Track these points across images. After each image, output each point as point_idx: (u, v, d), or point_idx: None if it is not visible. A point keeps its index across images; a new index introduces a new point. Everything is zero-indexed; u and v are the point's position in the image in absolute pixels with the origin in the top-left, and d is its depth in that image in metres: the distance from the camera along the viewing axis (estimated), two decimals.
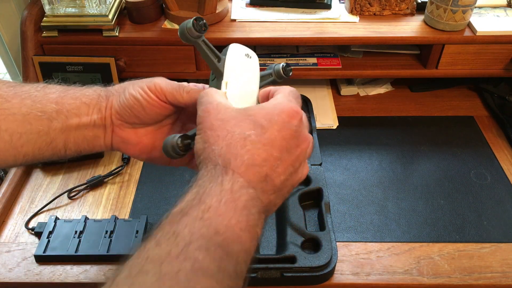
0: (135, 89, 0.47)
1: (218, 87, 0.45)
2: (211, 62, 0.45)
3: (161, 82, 0.47)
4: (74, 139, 0.47)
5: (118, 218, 0.66)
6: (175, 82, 0.48)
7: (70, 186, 0.72)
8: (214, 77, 0.47)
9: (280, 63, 0.50)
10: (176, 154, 0.43)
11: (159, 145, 0.47)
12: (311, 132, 0.78)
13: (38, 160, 0.46)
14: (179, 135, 0.43)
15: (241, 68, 0.46)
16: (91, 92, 0.48)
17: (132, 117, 0.47)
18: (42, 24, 0.81)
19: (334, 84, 0.94)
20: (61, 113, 0.45)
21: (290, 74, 0.50)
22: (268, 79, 0.49)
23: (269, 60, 0.89)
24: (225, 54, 0.46)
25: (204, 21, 0.44)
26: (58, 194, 0.71)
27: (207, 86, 0.48)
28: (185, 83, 0.49)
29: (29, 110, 0.44)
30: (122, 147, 0.49)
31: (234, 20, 0.85)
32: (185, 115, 0.51)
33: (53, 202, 0.70)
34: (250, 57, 0.47)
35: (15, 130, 0.43)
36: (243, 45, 0.47)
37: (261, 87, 0.48)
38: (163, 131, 0.51)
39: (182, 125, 0.52)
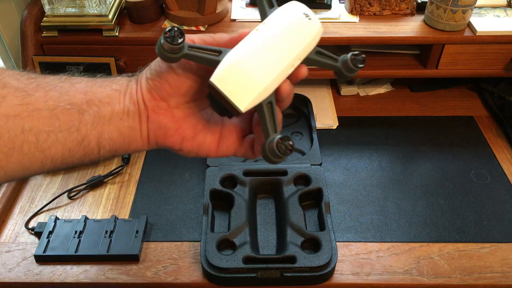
0: None
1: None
2: (262, 5, 0.41)
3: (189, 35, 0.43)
4: (108, 134, 0.41)
5: (118, 218, 0.66)
6: None
7: (70, 186, 0.72)
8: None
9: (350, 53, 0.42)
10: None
11: (202, 129, 0.44)
12: (311, 132, 0.79)
13: (68, 165, 0.41)
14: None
15: (289, 21, 0.40)
16: (120, 79, 0.44)
17: (164, 86, 0.42)
18: (42, 24, 0.81)
19: (334, 84, 0.94)
20: (92, 103, 0.40)
21: (361, 66, 0.41)
22: (330, 62, 0.42)
23: None
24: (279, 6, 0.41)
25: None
26: (58, 194, 0.71)
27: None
28: None
29: (56, 103, 0.39)
30: (160, 136, 0.43)
31: (234, 20, 0.85)
32: None
33: (53, 202, 0.70)
34: (310, 19, 0.41)
35: (42, 128, 0.38)
36: (306, 6, 0.42)
37: (314, 61, 0.42)
38: (204, 114, 0.45)
39: None
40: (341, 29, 0.82)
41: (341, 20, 0.85)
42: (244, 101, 0.38)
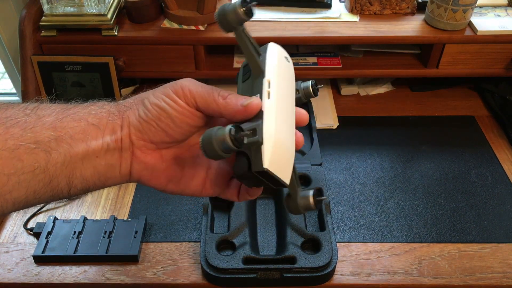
0: (158, 96, 0.38)
1: (257, 86, 0.38)
2: (251, 56, 0.39)
3: (190, 84, 0.38)
4: (80, 173, 0.37)
5: (117, 219, 0.65)
6: (206, 85, 0.39)
7: None
8: (248, 77, 0.41)
9: (308, 81, 0.44)
10: (223, 151, 0.34)
11: (190, 169, 0.41)
12: (311, 132, 0.78)
13: (33, 205, 0.37)
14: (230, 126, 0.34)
15: (280, 69, 0.40)
16: (98, 110, 0.39)
17: (159, 133, 0.38)
18: (40, 23, 0.81)
19: (334, 84, 0.93)
20: (62, 140, 0.36)
21: (318, 94, 0.45)
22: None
23: None
24: (265, 51, 0.40)
25: (252, 4, 0.37)
26: None
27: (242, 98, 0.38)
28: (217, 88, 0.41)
29: (18, 142, 0.34)
30: (145, 176, 0.40)
31: None
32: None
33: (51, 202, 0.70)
34: (289, 62, 0.43)
35: (0, 171, 0.33)
36: (281, 47, 0.43)
37: None
38: (193, 150, 0.42)
39: None
40: (341, 29, 0.82)
41: (341, 20, 0.85)
42: (288, 174, 0.40)
